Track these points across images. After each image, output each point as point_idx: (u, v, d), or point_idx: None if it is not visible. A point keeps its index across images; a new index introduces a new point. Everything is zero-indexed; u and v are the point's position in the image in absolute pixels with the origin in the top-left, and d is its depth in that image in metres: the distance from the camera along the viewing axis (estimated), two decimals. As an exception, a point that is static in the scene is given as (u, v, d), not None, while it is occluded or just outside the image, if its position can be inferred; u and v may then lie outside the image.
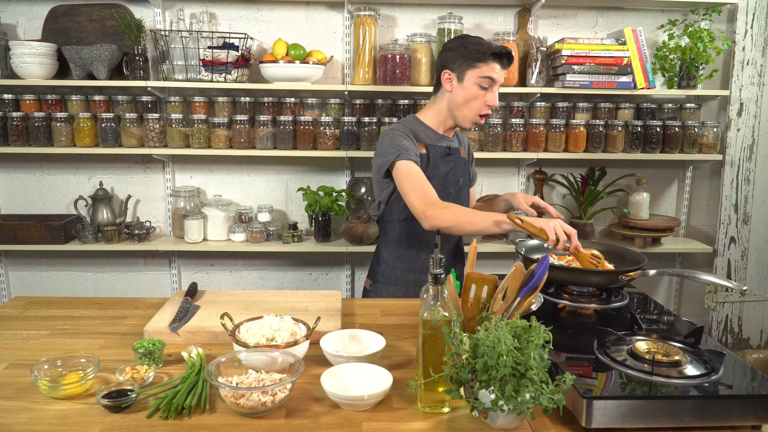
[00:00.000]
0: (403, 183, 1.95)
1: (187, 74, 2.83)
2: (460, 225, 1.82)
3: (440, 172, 2.11)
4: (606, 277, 1.73)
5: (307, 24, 3.02)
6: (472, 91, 2.00)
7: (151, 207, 3.14)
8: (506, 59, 2.00)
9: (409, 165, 1.96)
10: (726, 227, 3.16)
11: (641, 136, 2.97)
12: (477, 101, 2.01)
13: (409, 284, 2.18)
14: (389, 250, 2.20)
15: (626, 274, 1.71)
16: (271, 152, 2.88)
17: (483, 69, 1.98)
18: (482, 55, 1.97)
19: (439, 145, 2.12)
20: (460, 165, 2.19)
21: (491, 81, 1.99)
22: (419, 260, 2.17)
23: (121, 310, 1.86)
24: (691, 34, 2.90)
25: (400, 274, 2.19)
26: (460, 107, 2.04)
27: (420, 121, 2.14)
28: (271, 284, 3.24)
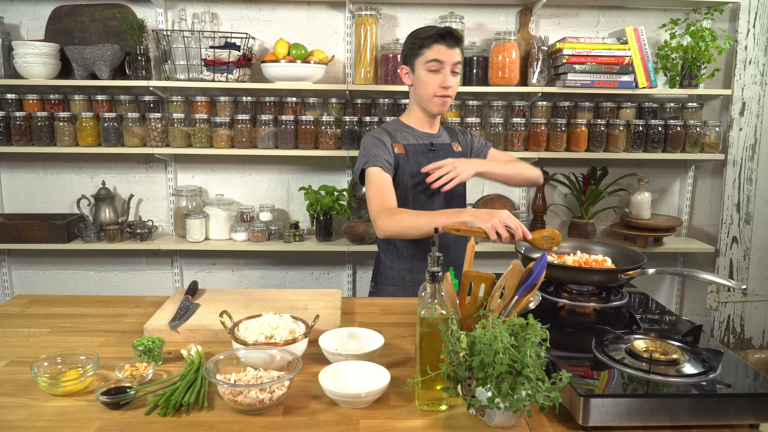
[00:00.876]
0: (367, 190, 2.04)
1: (189, 74, 2.84)
2: (406, 230, 1.87)
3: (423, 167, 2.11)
4: (605, 276, 1.73)
5: (309, 24, 3.03)
6: (424, 78, 2.04)
7: (153, 206, 3.15)
8: (449, 37, 2.01)
9: (373, 172, 2.03)
10: (728, 227, 3.15)
11: (643, 135, 2.97)
12: (430, 85, 2.04)
13: (407, 284, 2.19)
14: (387, 251, 2.21)
15: (625, 273, 1.71)
16: (273, 152, 2.88)
17: (427, 54, 2.01)
18: (423, 41, 2.02)
19: (420, 142, 2.14)
20: None
21: (438, 63, 2.00)
22: (416, 259, 2.18)
23: (122, 309, 1.87)
24: (693, 33, 2.90)
25: (398, 274, 2.19)
26: (420, 96, 2.08)
27: (401, 123, 2.18)
28: (272, 283, 3.24)
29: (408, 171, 2.09)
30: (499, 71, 2.86)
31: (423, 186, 2.10)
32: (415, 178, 2.10)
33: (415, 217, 1.86)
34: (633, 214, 3.06)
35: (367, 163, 2.04)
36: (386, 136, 2.11)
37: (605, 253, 2.00)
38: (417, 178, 2.10)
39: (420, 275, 2.18)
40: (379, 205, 1.95)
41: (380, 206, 1.95)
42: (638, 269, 1.72)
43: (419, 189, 2.11)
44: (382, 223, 1.90)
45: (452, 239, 2.20)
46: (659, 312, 1.79)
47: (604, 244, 2.03)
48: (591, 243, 2.05)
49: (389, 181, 2.03)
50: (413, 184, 2.11)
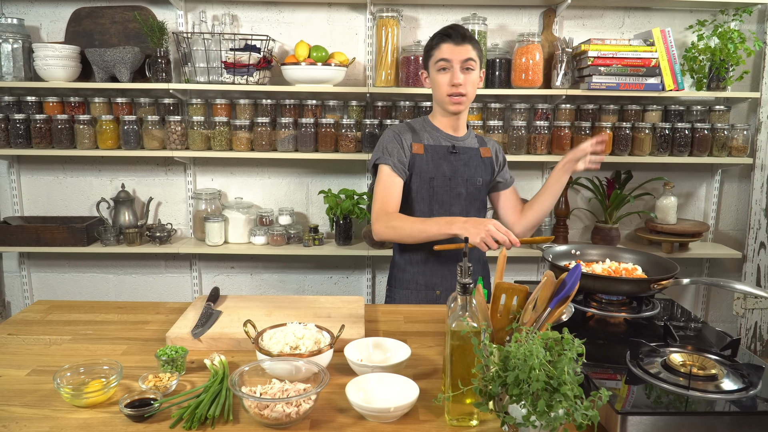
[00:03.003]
0: (375, 187, 2.08)
1: (209, 76, 2.82)
2: (400, 238, 1.99)
3: (444, 171, 2.10)
4: (637, 286, 1.68)
5: (329, 25, 3.00)
6: (436, 79, 2.05)
7: (172, 209, 3.14)
8: (455, 34, 2.01)
9: (384, 171, 2.06)
10: (756, 232, 3.08)
11: (669, 138, 2.91)
12: (441, 86, 2.04)
13: (420, 287, 2.16)
14: (400, 254, 2.20)
15: (658, 282, 1.66)
16: (293, 155, 2.86)
17: (436, 54, 2.04)
18: (431, 44, 2.06)
19: (441, 144, 2.12)
20: (477, 165, 2.15)
21: (446, 61, 2.01)
22: (429, 263, 2.15)
23: (143, 315, 1.85)
24: (721, 34, 2.83)
25: (411, 277, 2.16)
26: (437, 98, 2.10)
27: (427, 121, 2.17)
28: (291, 287, 3.22)
29: (426, 171, 2.08)
30: (522, 73, 2.82)
31: (442, 187, 2.09)
32: (434, 180, 2.09)
33: (408, 225, 1.94)
34: (659, 219, 3.00)
35: (380, 158, 2.06)
36: (408, 134, 2.10)
37: (635, 261, 1.95)
38: (436, 180, 2.09)
39: (434, 278, 2.15)
40: (381, 207, 2.00)
41: (381, 209, 2.00)
42: (671, 279, 1.67)
43: (437, 189, 2.09)
44: (378, 228, 1.99)
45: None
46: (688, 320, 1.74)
47: (633, 251, 1.98)
48: (619, 250, 2.01)
49: (397, 185, 2.05)
50: (431, 185, 2.09)
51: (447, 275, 2.17)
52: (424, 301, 2.16)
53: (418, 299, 2.17)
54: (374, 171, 2.11)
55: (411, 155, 2.07)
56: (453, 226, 1.86)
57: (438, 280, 2.16)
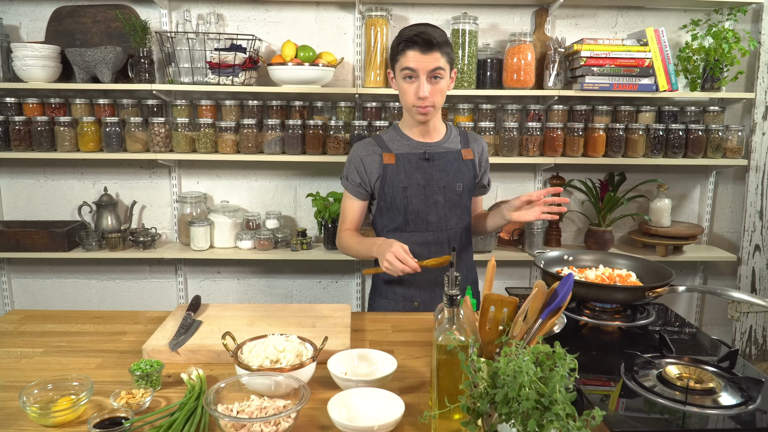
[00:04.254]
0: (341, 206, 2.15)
1: (193, 77, 2.75)
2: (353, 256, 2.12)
3: (417, 180, 1.98)
4: (631, 294, 1.63)
5: (317, 25, 2.94)
6: (401, 86, 1.91)
7: (157, 213, 3.07)
8: (421, 42, 1.80)
9: (345, 193, 2.10)
10: (750, 235, 3.04)
11: (663, 140, 2.86)
12: (407, 95, 1.89)
13: (398, 297, 2.08)
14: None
15: (653, 290, 1.60)
16: (280, 157, 2.79)
17: (401, 61, 1.86)
18: (397, 49, 1.87)
19: (413, 152, 2.00)
20: (456, 170, 2.03)
21: (410, 71, 1.84)
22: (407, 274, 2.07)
23: (120, 325, 1.78)
24: (716, 34, 2.79)
25: (388, 287, 2.10)
26: (402, 102, 1.96)
27: (397, 130, 2.06)
28: (279, 292, 3.16)
29: (399, 181, 1.98)
30: (513, 74, 2.76)
31: (416, 196, 1.99)
32: (407, 189, 1.98)
33: (353, 246, 2.01)
34: (653, 222, 2.95)
35: (341, 181, 2.10)
36: (376, 149, 2.00)
37: (629, 266, 1.90)
38: (411, 190, 1.98)
39: (411, 290, 2.06)
40: (339, 227, 2.11)
41: (339, 228, 2.11)
42: (667, 287, 1.62)
43: (412, 199, 1.99)
44: (337, 243, 2.13)
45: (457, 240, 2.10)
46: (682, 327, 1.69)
47: (627, 257, 1.93)
48: (612, 256, 1.95)
49: (355, 207, 2.07)
50: (405, 194, 1.98)
51: (425, 287, 2.08)
52: (401, 309, 2.09)
53: (397, 309, 2.10)
54: None
55: (382, 166, 1.97)
56: (372, 248, 1.89)
57: (415, 291, 2.08)
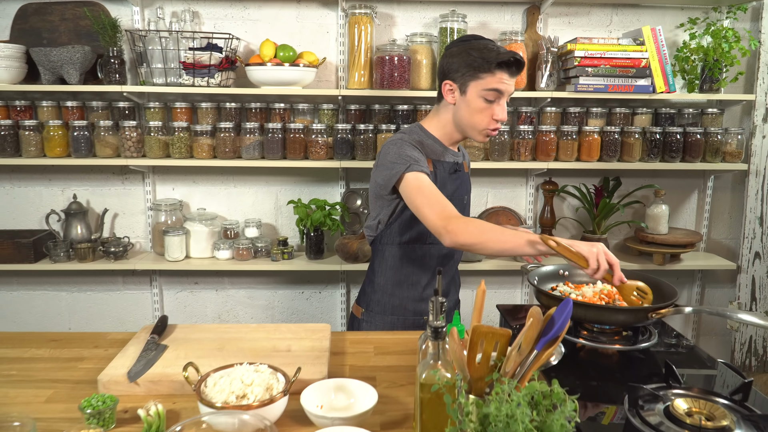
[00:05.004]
0: (416, 197, 1.69)
1: (166, 78, 2.60)
2: (486, 242, 1.57)
3: (447, 191, 1.85)
4: (633, 316, 1.50)
5: (299, 23, 2.80)
6: (476, 105, 1.76)
7: (130, 221, 2.91)
8: (515, 67, 1.75)
9: (420, 177, 1.71)
10: (750, 242, 2.92)
11: (660, 143, 2.74)
12: (482, 115, 1.77)
13: (408, 313, 1.95)
14: (386, 276, 1.97)
15: (656, 311, 1.48)
16: (258, 163, 2.65)
17: (488, 80, 1.73)
18: (487, 65, 1.72)
19: (446, 160, 1.88)
20: (465, 181, 1.97)
21: (498, 93, 1.74)
22: (419, 286, 1.95)
23: (78, 350, 1.63)
24: (715, 33, 2.67)
25: (399, 302, 1.96)
26: (465, 123, 1.80)
27: (426, 132, 1.89)
28: (260, 303, 3.01)
29: None
30: (504, 75, 2.63)
31: None
32: None
33: (497, 228, 1.59)
34: (649, 229, 2.83)
35: (410, 167, 1.71)
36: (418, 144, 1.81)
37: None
38: None
39: (422, 305, 1.95)
40: (441, 210, 1.63)
41: (443, 212, 1.62)
42: (671, 307, 1.50)
43: None
44: (455, 229, 1.56)
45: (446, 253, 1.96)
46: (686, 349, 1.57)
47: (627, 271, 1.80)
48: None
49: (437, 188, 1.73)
50: None
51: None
52: (411, 329, 1.95)
53: (404, 327, 1.96)
54: (393, 190, 1.79)
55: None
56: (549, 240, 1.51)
57: (425, 306, 1.95)
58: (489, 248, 1.57)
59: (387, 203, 1.87)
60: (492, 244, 1.56)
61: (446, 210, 1.64)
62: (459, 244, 1.57)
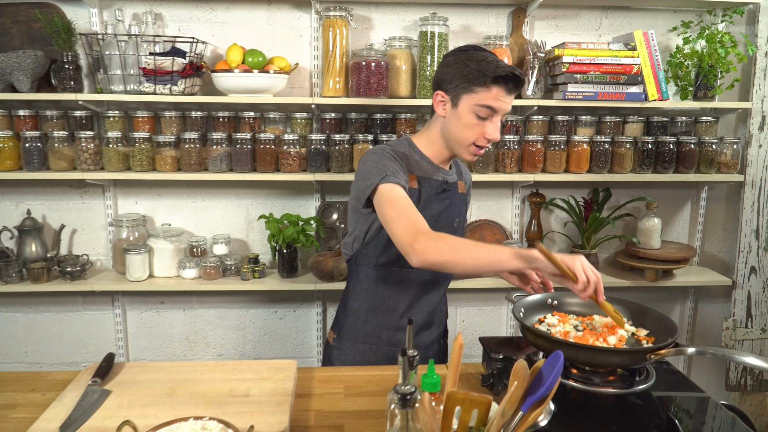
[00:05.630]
0: (386, 210, 1.55)
1: (125, 85, 2.42)
2: (458, 260, 1.41)
3: (432, 212, 1.72)
4: (630, 357, 1.34)
5: (270, 26, 2.62)
6: (467, 120, 1.61)
7: (90, 238, 2.72)
8: (513, 84, 1.60)
9: (394, 189, 1.56)
10: (746, 256, 2.79)
11: (652, 154, 2.60)
12: (472, 132, 1.62)
13: (382, 343, 1.79)
14: (360, 300, 1.81)
15: (656, 352, 1.32)
16: (226, 175, 2.47)
17: (482, 95, 1.58)
18: (483, 78, 1.57)
19: (434, 179, 1.72)
20: (456, 202, 1.81)
21: (491, 111, 1.59)
22: (396, 314, 1.79)
23: (12, 394, 1.46)
24: (709, 37, 2.53)
25: (373, 330, 1.80)
26: (454, 137, 1.66)
27: (414, 147, 1.74)
28: (230, 324, 2.83)
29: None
30: (488, 82, 2.47)
31: None
32: None
33: (471, 243, 1.43)
34: (641, 243, 2.69)
35: (385, 178, 1.56)
36: (402, 158, 1.67)
37: (622, 311, 1.63)
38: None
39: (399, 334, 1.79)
40: (410, 225, 1.48)
41: (412, 227, 1.47)
42: (672, 347, 1.34)
43: None
44: (423, 247, 1.41)
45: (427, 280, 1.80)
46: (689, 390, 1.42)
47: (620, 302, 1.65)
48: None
49: (412, 202, 1.57)
50: None
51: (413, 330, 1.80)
52: (384, 360, 1.79)
53: (378, 358, 1.80)
54: (367, 202, 1.64)
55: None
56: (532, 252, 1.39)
57: (403, 335, 1.80)
58: (463, 266, 1.42)
59: (363, 218, 1.71)
60: (466, 261, 1.41)
61: (416, 225, 1.48)
62: (428, 264, 1.42)
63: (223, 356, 2.85)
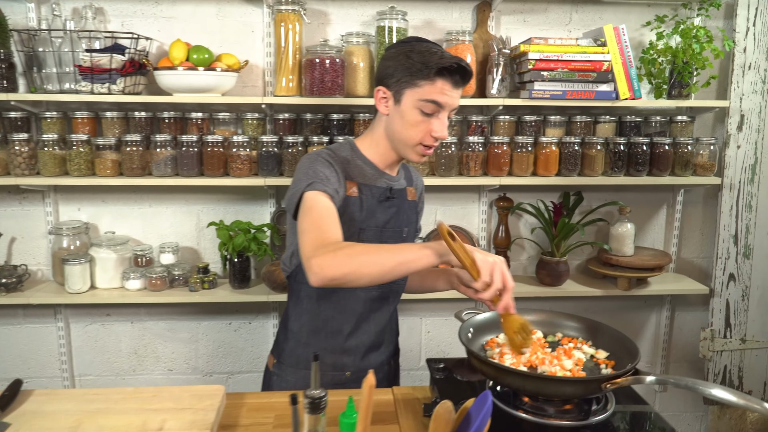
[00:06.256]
0: (301, 221, 1.40)
1: (60, 84, 2.26)
2: (360, 269, 1.25)
3: (377, 221, 1.58)
4: (583, 388, 1.20)
5: (219, 21, 2.46)
6: (411, 117, 1.47)
7: (30, 246, 2.55)
8: (460, 76, 1.46)
9: (317, 197, 1.41)
10: (724, 262, 2.66)
11: (624, 155, 2.46)
12: (417, 130, 1.48)
13: (326, 368, 1.64)
14: (301, 321, 1.66)
15: (612, 381, 1.19)
16: (171, 181, 2.31)
17: (426, 89, 1.44)
18: (426, 71, 1.43)
19: (377, 185, 1.58)
20: (405, 211, 1.66)
21: (436, 106, 1.45)
22: (341, 336, 1.64)
23: None
24: (684, 32, 2.40)
25: (309, 351, 1.64)
26: (399, 137, 1.52)
27: (357, 151, 1.60)
28: (182, 337, 2.67)
29: (356, 221, 1.53)
30: (450, 80, 2.33)
31: (372, 241, 1.55)
32: (363, 232, 1.54)
33: (375, 248, 1.27)
34: (613, 250, 2.55)
35: (311, 185, 1.42)
36: (338, 168, 1.52)
37: (581, 333, 1.49)
38: (367, 232, 1.55)
39: (343, 358, 1.64)
40: (317, 237, 1.31)
41: (318, 239, 1.30)
42: (630, 375, 1.20)
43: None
44: (320, 261, 1.24)
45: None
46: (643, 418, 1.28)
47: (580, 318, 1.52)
48: (562, 317, 1.54)
49: (335, 214, 1.41)
50: (359, 238, 1.54)
51: (359, 351, 1.66)
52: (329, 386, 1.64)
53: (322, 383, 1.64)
54: (295, 210, 1.48)
55: (345, 196, 1.52)
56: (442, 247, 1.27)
57: (348, 359, 1.65)
58: (368, 276, 1.26)
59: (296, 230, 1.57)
60: (370, 269, 1.25)
61: (323, 238, 1.31)
62: (328, 280, 1.24)
63: (174, 371, 2.69)
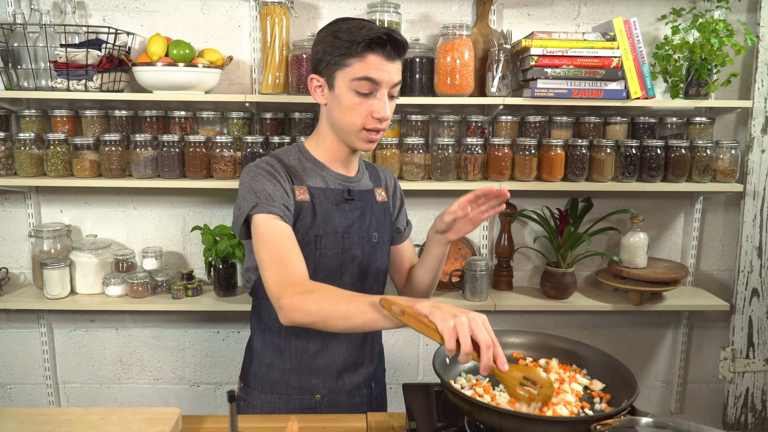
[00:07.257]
0: (259, 251, 1.30)
1: (35, 81, 2.16)
2: (328, 320, 1.15)
3: (335, 227, 1.44)
4: (569, 429, 1.04)
5: (204, 15, 2.34)
6: (348, 101, 1.34)
7: (11, 249, 2.47)
8: (392, 47, 1.32)
9: (268, 223, 1.30)
10: (747, 276, 2.46)
11: (637, 159, 2.28)
12: (356, 113, 1.35)
13: (293, 391, 1.51)
14: (265, 341, 1.53)
15: (602, 422, 1.02)
16: (151, 182, 2.20)
17: (356, 67, 1.32)
18: (354, 47, 1.31)
19: (330, 187, 1.45)
20: (373, 213, 1.52)
21: (372, 83, 1.32)
22: (307, 355, 1.50)
23: None
24: (703, 26, 2.21)
25: (280, 376, 1.51)
26: (341, 125, 1.39)
27: (305, 152, 1.48)
28: (168, 345, 2.56)
29: (311, 227, 1.41)
30: (446, 77, 2.17)
31: (332, 248, 1.43)
32: (321, 239, 1.42)
33: (345, 298, 1.15)
34: (624, 262, 2.37)
35: (257, 207, 1.32)
36: (284, 175, 1.40)
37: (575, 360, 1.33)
38: (326, 239, 1.42)
39: (312, 379, 1.51)
40: (281, 273, 1.24)
41: (283, 275, 1.23)
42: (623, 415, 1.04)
43: (326, 251, 1.43)
44: (288, 304, 1.17)
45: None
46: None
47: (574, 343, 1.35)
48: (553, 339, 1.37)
49: (292, 238, 1.31)
50: (317, 246, 1.42)
51: (330, 373, 1.52)
52: (298, 412, 1.50)
53: (289, 407, 1.51)
54: (245, 229, 1.38)
55: (295, 203, 1.40)
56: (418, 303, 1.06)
57: (318, 380, 1.51)
58: (336, 327, 1.16)
59: (251, 247, 1.44)
60: (337, 322, 1.14)
61: (287, 273, 1.22)
62: (296, 324, 1.17)
63: (160, 380, 2.58)
